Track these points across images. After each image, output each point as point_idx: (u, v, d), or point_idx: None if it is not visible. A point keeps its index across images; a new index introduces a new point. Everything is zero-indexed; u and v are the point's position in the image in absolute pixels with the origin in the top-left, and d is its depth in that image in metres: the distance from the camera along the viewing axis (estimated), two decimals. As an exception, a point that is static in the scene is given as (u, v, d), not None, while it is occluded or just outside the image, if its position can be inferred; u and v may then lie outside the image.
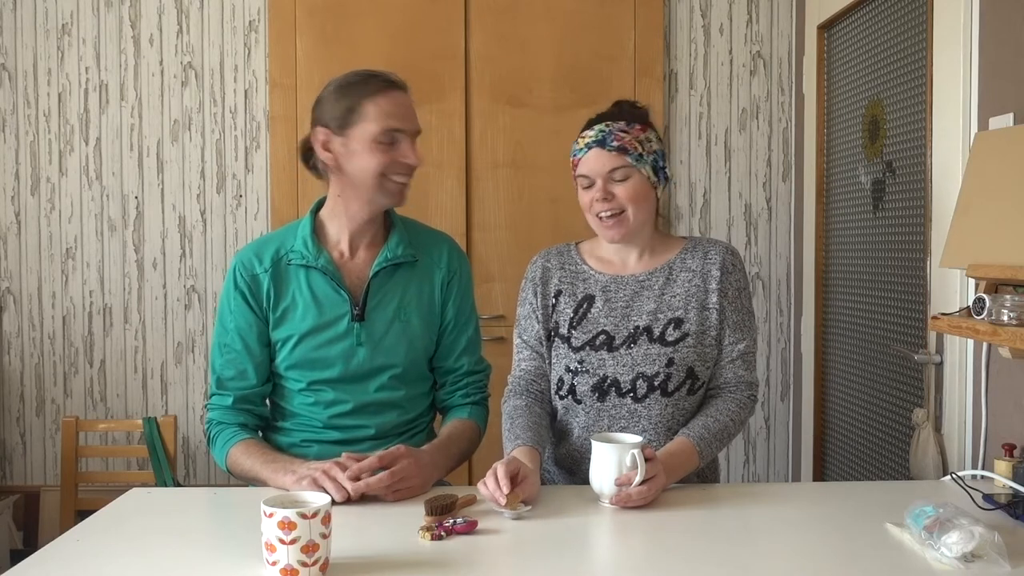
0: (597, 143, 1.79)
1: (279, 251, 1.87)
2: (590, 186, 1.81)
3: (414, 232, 1.94)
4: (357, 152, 1.79)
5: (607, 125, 1.81)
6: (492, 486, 1.55)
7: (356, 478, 1.61)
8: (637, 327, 1.82)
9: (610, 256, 1.90)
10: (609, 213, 1.79)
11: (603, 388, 1.81)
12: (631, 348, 1.81)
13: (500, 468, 1.55)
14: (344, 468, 1.63)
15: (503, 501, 1.53)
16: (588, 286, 1.87)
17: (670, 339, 1.80)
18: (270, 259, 1.86)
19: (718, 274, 1.83)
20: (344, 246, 1.87)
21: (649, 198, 1.83)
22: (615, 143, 1.78)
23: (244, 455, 1.78)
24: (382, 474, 1.61)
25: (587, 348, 1.83)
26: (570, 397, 1.84)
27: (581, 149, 1.82)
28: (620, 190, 1.79)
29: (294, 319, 1.84)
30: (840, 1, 2.75)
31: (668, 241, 1.91)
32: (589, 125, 1.84)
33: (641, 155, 1.80)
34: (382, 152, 1.78)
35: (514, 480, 1.55)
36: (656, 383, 1.79)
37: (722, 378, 1.84)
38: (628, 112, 1.85)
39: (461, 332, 1.94)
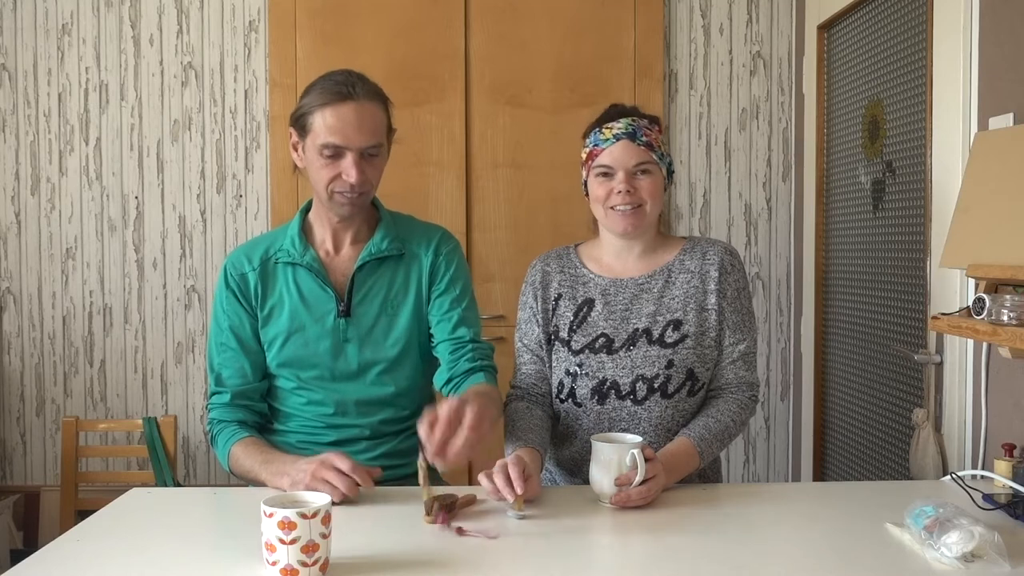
0: (627, 135, 1.79)
1: (268, 251, 1.88)
2: (609, 177, 1.80)
3: (403, 226, 1.92)
4: (310, 161, 1.79)
5: (634, 120, 1.81)
6: (501, 482, 1.54)
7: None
8: (636, 329, 1.82)
9: (610, 258, 1.90)
10: (628, 204, 1.79)
11: (603, 391, 1.81)
12: (630, 350, 1.81)
13: (512, 469, 1.54)
14: (331, 466, 1.61)
15: (511, 498, 1.53)
16: (588, 290, 1.87)
17: (669, 341, 1.80)
18: (259, 259, 1.87)
19: (716, 275, 1.83)
20: (329, 245, 1.88)
21: (662, 197, 1.84)
22: (644, 137, 1.79)
23: (244, 455, 1.78)
24: (467, 433, 1.49)
25: (587, 351, 1.83)
26: (570, 401, 1.84)
27: (607, 140, 1.80)
28: (643, 183, 1.79)
29: (281, 317, 1.84)
30: (840, 1, 2.75)
31: (668, 242, 1.91)
32: (612, 117, 1.83)
33: (662, 154, 1.82)
34: (324, 166, 1.76)
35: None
36: (656, 385, 1.79)
37: (723, 379, 1.84)
38: (644, 115, 1.86)
39: (454, 306, 1.87)
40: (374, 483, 1.64)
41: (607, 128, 1.81)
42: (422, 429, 1.52)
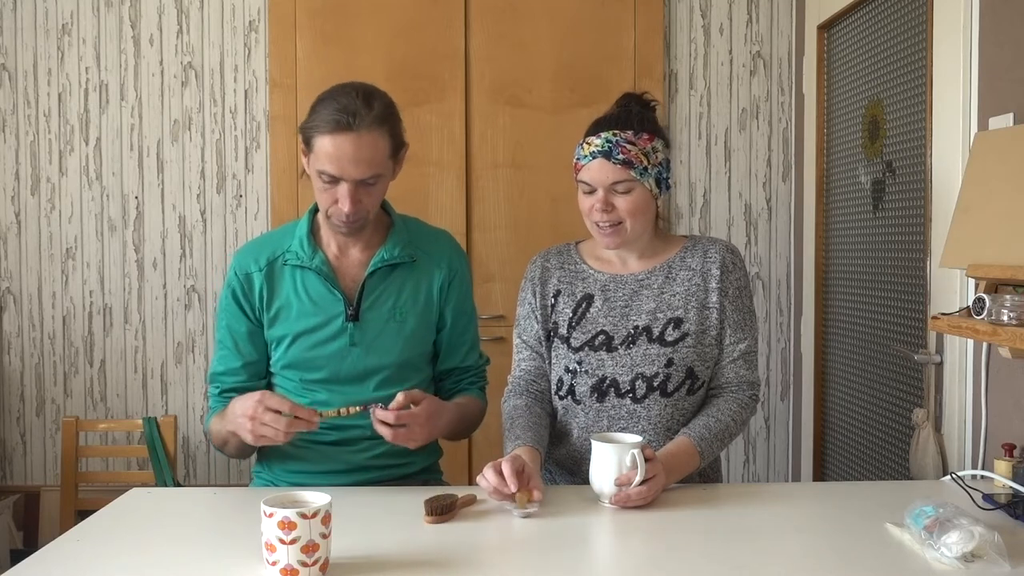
0: (603, 153, 1.76)
1: (276, 251, 1.88)
2: (591, 192, 1.80)
3: (414, 232, 1.93)
4: (313, 178, 1.79)
5: (615, 134, 1.77)
6: (493, 480, 1.54)
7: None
8: (636, 327, 1.81)
9: (610, 256, 1.89)
10: (607, 223, 1.79)
11: (602, 389, 1.81)
12: (630, 348, 1.80)
13: (506, 466, 1.55)
14: (270, 410, 1.63)
15: (506, 492, 1.53)
16: (587, 285, 1.87)
17: (669, 339, 1.80)
18: (266, 259, 1.87)
19: (718, 273, 1.82)
20: (336, 248, 1.88)
21: (649, 209, 1.81)
22: (620, 155, 1.75)
23: (215, 424, 1.83)
24: (386, 413, 1.66)
25: (586, 348, 1.83)
26: (569, 398, 1.84)
27: (586, 156, 1.78)
28: (621, 202, 1.77)
29: (288, 319, 1.85)
30: (840, 1, 2.75)
31: (668, 241, 1.91)
32: (596, 130, 1.80)
33: (646, 168, 1.77)
34: (323, 190, 1.76)
35: (519, 476, 1.55)
36: (655, 383, 1.79)
37: (723, 378, 1.84)
38: (638, 116, 1.81)
39: (464, 331, 1.96)
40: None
41: (587, 143, 1.79)
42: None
